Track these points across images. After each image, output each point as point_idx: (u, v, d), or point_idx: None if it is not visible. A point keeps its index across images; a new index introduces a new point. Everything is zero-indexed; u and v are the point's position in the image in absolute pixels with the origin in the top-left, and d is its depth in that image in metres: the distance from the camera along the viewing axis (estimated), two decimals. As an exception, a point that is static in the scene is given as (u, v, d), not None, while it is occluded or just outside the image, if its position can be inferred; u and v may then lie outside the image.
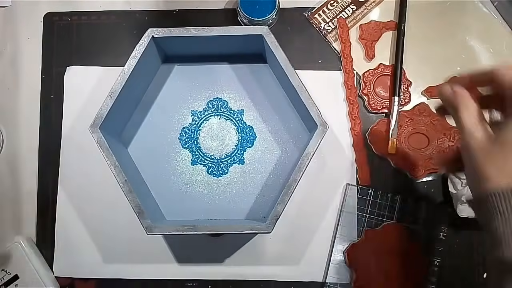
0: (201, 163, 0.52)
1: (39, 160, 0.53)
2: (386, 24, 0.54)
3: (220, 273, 0.51)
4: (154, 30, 0.46)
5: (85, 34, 0.55)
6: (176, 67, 0.54)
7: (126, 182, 0.44)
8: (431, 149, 0.52)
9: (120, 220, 0.52)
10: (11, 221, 0.53)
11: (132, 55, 0.46)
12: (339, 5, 0.55)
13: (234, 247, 0.52)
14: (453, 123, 0.53)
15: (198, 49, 0.50)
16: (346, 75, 0.53)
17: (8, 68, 0.55)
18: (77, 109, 0.54)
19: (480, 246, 0.51)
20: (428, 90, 0.53)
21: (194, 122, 0.53)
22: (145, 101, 0.53)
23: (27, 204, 0.53)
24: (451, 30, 0.54)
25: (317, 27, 0.55)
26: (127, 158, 0.51)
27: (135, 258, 0.52)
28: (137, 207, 0.44)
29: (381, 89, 0.53)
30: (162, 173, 0.52)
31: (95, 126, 0.45)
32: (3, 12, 0.56)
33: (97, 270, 0.52)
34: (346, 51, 0.53)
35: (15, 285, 0.50)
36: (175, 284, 0.52)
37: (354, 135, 0.52)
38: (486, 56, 0.54)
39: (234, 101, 0.53)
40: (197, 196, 0.52)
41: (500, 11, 0.54)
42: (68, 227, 0.52)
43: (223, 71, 0.53)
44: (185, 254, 0.52)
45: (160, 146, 0.52)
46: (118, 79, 0.46)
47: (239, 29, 0.47)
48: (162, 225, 0.45)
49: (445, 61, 0.54)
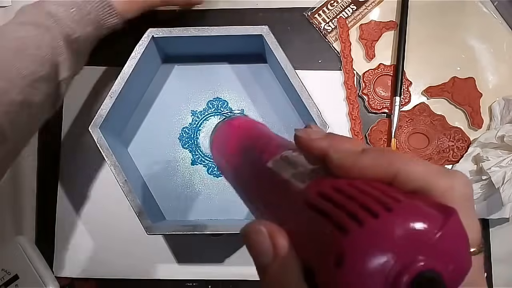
0: (201, 163, 0.52)
1: (39, 160, 0.53)
2: (386, 24, 0.54)
3: (220, 273, 0.51)
4: (154, 30, 0.46)
5: (85, 34, 0.55)
6: (176, 67, 0.54)
7: (126, 182, 0.44)
8: (431, 149, 0.52)
9: (120, 220, 0.52)
10: (11, 221, 0.53)
11: (132, 55, 0.46)
12: (339, 5, 0.55)
13: (234, 247, 0.52)
14: (453, 123, 0.53)
15: (198, 49, 0.50)
16: (346, 75, 0.53)
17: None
18: (77, 109, 0.54)
19: (480, 246, 0.51)
20: (428, 90, 0.53)
21: (194, 122, 0.53)
22: (145, 101, 0.53)
23: (27, 204, 0.53)
24: (451, 30, 0.54)
25: (317, 27, 0.55)
26: (127, 158, 0.51)
27: (135, 258, 0.52)
28: (137, 207, 0.44)
29: (381, 89, 0.53)
30: (162, 173, 0.52)
31: (95, 126, 0.45)
32: (3, 12, 0.56)
33: (97, 270, 0.52)
34: (346, 51, 0.53)
35: (15, 285, 0.50)
36: (175, 284, 0.52)
37: (354, 135, 0.52)
38: (486, 56, 0.54)
39: (234, 101, 0.53)
40: (197, 196, 0.52)
41: (500, 11, 0.54)
42: (68, 227, 0.52)
43: (223, 71, 0.53)
44: (185, 254, 0.52)
45: (160, 146, 0.52)
46: (118, 79, 0.46)
47: (239, 29, 0.47)
48: (162, 225, 0.45)
49: (445, 61, 0.54)
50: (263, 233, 0.18)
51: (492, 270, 0.51)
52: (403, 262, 0.14)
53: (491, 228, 0.51)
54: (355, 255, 0.14)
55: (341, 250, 0.15)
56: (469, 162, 0.50)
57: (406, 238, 0.14)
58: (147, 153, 0.52)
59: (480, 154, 0.49)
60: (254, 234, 0.18)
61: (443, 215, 0.15)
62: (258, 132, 0.29)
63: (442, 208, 0.15)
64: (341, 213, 0.16)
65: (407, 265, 0.14)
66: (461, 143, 0.52)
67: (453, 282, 0.15)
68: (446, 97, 0.53)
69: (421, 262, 0.14)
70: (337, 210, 0.16)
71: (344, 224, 0.15)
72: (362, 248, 0.14)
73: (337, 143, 0.19)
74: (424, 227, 0.15)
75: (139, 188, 0.47)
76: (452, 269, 0.15)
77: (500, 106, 0.52)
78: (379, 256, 0.14)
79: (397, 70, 0.53)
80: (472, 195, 0.18)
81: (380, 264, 0.14)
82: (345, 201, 0.16)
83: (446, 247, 0.15)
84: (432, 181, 0.17)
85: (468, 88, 0.53)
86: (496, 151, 0.48)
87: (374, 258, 0.14)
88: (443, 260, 0.15)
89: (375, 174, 0.17)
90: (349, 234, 0.15)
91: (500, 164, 0.46)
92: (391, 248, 0.14)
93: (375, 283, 0.14)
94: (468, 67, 0.54)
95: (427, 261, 0.14)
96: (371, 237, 0.15)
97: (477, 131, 0.53)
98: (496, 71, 0.53)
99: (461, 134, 0.52)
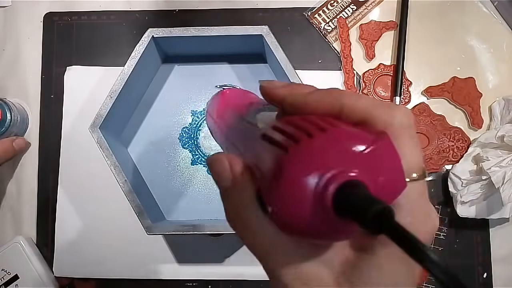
0: (201, 163, 0.52)
1: (39, 160, 0.53)
2: (386, 24, 0.54)
3: (220, 273, 0.51)
4: (154, 30, 0.46)
5: (85, 34, 0.55)
6: (176, 67, 0.54)
7: (126, 182, 0.44)
8: (431, 149, 0.52)
9: (120, 220, 0.52)
10: (11, 221, 0.53)
11: (132, 55, 0.46)
12: (339, 5, 0.55)
13: (234, 247, 0.52)
14: (453, 123, 0.53)
15: (198, 49, 0.50)
16: (346, 75, 0.53)
17: (8, 68, 0.55)
18: (77, 109, 0.54)
19: (480, 246, 0.51)
20: (428, 90, 0.53)
21: (194, 122, 0.53)
22: (145, 101, 0.53)
23: (27, 204, 0.53)
24: (451, 30, 0.54)
25: (317, 27, 0.55)
26: (127, 158, 0.51)
27: (135, 258, 0.52)
28: (137, 207, 0.44)
29: (381, 89, 0.53)
30: (162, 173, 0.52)
31: (95, 126, 0.45)
32: (3, 12, 0.56)
33: (97, 270, 0.52)
34: (346, 51, 0.53)
35: (15, 285, 0.50)
36: (175, 284, 0.52)
37: (354, 135, 0.52)
38: (486, 56, 0.54)
39: (234, 101, 0.53)
40: (197, 196, 0.52)
41: (500, 11, 0.54)
42: (68, 227, 0.52)
43: (223, 71, 0.53)
44: (185, 254, 0.52)
45: (160, 146, 0.52)
46: (118, 79, 0.46)
47: (239, 29, 0.47)
48: (162, 225, 0.45)
49: (445, 61, 0.54)
50: (224, 162, 0.21)
51: (492, 270, 0.51)
52: (331, 174, 0.16)
53: (491, 228, 0.51)
54: (289, 169, 0.16)
55: (280, 165, 0.17)
56: (469, 162, 0.50)
57: (337, 154, 0.16)
58: (147, 153, 0.52)
59: (480, 154, 0.49)
60: (217, 162, 0.21)
61: (374, 136, 0.17)
62: (241, 96, 0.34)
63: (375, 133, 0.17)
64: (283, 137, 0.18)
65: (334, 176, 0.16)
66: (461, 143, 0.52)
67: (383, 196, 0.16)
68: (446, 97, 0.53)
69: (348, 173, 0.16)
70: (282, 136, 0.18)
71: (284, 144, 0.17)
72: (296, 162, 0.16)
73: (294, 88, 0.21)
74: (354, 145, 0.16)
75: (139, 188, 0.47)
76: (381, 183, 0.16)
77: (500, 106, 0.52)
78: (311, 170, 0.16)
79: (397, 70, 0.53)
80: (413, 124, 0.19)
81: (311, 177, 0.16)
82: (288, 128, 0.18)
83: (375, 163, 0.16)
84: (374, 113, 0.18)
85: (468, 88, 0.53)
86: (496, 151, 0.48)
87: (306, 171, 0.16)
88: (371, 173, 0.16)
89: (323, 109, 0.19)
90: (287, 152, 0.17)
91: (500, 164, 0.46)
92: (322, 162, 0.16)
93: (307, 193, 0.16)
94: (468, 67, 0.54)
95: (353, 173, 0.16)
96: (305, 154, 0.16)
97: (477, 131, 0.53)
98: (496, 71, 0.53)
99: (461, 134, 0.52)
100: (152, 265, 0.52)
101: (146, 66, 0.49)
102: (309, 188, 0.16)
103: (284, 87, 0.21)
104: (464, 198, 0.48)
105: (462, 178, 0.49)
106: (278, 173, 0.17)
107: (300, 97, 0.20)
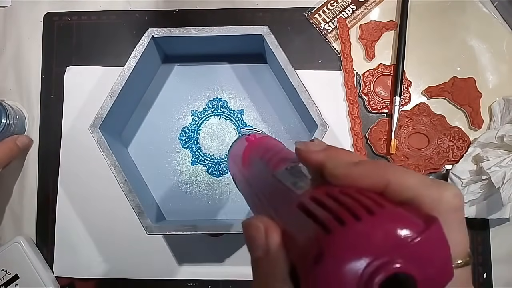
0: (201, 163, 0.52)
1: (39, 160, 0.53)
2: (386, 24, 0.54)
3: (220, 273, 0.51)
4: (154, 30, 0.46)
5: (85, 34, 0.55)
6: (176, 67, 0.54)
7: (126, 182, 0.44)
8: (431, 149, 0.52)
9: (120, 220, 0.52)
10: (11, 221, 0.53)
11: (132, 55, 0.46)
12: (339, 5, 0.55)
13: (234, 247, 0.52)
14: (453, 123, 0.53)
15: (198, 49, 0.50)
16: (346, 75, 0.53)
17: (8, 68, 0.55)
18: (77, 109, 0.54)
19: (480, 246, 0.51)
20: (428, 90, 0.53)
21: (194, 122, 0.53)
22: (145, 101, 0.53)
23: (27, 204, 0.53)
24: (451, 30, 0.54)
25: (317, 27, 0.55)
26: (127, 158, 0.51)
27: (135, 258, 0.52)
28: (137, 207, 0.44)
29: (381, 89, 0.53)
30: (162, 173, 0.52)
31: (95, 126, 0.45)
32: (3, 12, 0.56)
33: (97, 270, 0.52)
34: (346, 51, 0.53)
35: (15, 285, 0.50)
36: (175, 284, 0.52)
37: (354, 135, 0.52)
38: (486, 56, 0.54)
39: (234, 101, 0.53)
40: (197, 196, 0.52)
41: (500, 11, 0.54)
42: (68, 227, 0.52)
43: (223, 71, 0.53)
44: (185, 254, 0.52)
45: (160, 146, 0.52)
46: (118, 79, 0.46)
47: (239, 29, 0.47)
48: (162, 225, 0.45)
49: (445, 61, 0.54)
50: (260, 229, 0.19)
51: (492, 270, 0.51)
52: (378, 263, 0.15)
53: (491, 228, 0.51)
54: (333, 253, 0.15)
55: (322, 247, 0.15)
56: (469, 162, 0.50)
57: (385, 241, 0.15)
58: (147, 153, 0.52)
59: (480, 154, 0.49)
60: (252, 228, 0.20)
61: (425, 223, 0.15)
62: (268, 146, 0.31)
63: (425, 217, 0.16)
64: (326, 214, 0.16)
65: (382, 266, 0.15)
66: (461, 143, 0.52)
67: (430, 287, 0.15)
68: (446, 97, 0.53)
69: (396, 264, 0.15)
70: (324, 212, 0.17)
71: (328, 224, 0.16)
72: (341, 247, 0.15)
73: (334, 154, 0.20)
74: (404, 232, 0.15)
75: (139, 188, 0.47)
76: (429, 275, 0.15)
77: (500, 106, 0.52)
78: (356, 256, 0.15)
79: (397, 70, 0.53)
80: (462, 207, 0.18)
81: (356, 263, 0.15)
82: (332, 204, 0.17)
83: (424, 254, 0.15)
84: (422, 192, 0.17)
85: (468, 88, 0.53)
86: (496, 151, 0.48)
87: (351, 257, 0.15)
88: (420, 265, 0.15)
89: (368, 183, 0.18)
90: (330, 234, 0.15)
91: (500, 164, 0.46)
92: (369, 249, 0.15)
93: (350, 281, 0.15)
94: (468, 67, 0.54)
95: (402, 264, 0.15)
96: (351, 238, 0.15)
97: (477, 131, 0.53)
98: (496, 71, 0.53)
99: (461, 134, 0.52)
100: (152, 265, 0.52)
101: (146, 66, 0.49)
102: (352, 276, 0.15)
103: (323, 152, 0.20)
104: (464, 198, 0.48)
105: (462, 178, 0.49)
106: (318, 255, 0.15)
107: (343, 168, 0.19)
